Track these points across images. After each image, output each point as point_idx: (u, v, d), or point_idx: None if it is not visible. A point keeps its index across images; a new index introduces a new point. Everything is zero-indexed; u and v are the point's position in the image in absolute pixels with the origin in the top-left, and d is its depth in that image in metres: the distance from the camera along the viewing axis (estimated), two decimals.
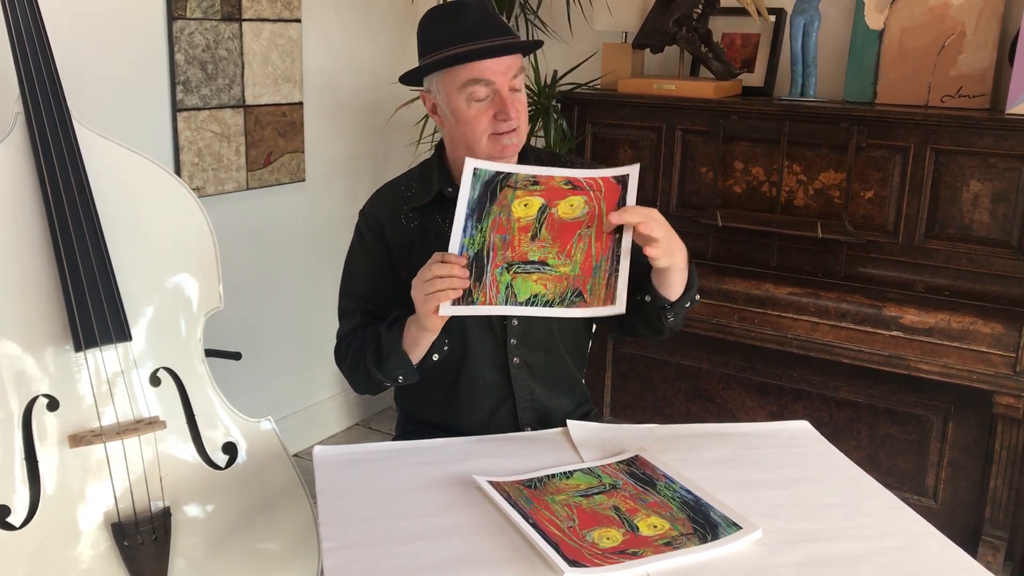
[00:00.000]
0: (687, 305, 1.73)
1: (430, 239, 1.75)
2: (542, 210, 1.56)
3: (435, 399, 1.82)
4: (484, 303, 1.58)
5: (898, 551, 1.32)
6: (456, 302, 1.58)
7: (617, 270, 1.57)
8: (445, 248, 1.74)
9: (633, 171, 1.57)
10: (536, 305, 1.58)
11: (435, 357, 1.71)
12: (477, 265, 1.57)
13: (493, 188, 1.56)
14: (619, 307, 1.58)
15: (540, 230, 1.56)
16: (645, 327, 1.78)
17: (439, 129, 1.78)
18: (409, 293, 1.75)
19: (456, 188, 1.75)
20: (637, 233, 1.55)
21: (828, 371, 2.73)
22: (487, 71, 1.63)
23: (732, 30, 3.07)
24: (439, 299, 1.55)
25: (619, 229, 1.57)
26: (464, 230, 1.58)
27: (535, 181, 1.56)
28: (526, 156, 1.81)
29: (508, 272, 1.57)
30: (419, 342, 1.66)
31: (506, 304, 1.58)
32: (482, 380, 1.78)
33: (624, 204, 1.57)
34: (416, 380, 1.71)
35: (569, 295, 1.58)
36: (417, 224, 1.77)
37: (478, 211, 1.56)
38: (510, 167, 1.57)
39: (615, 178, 1.56)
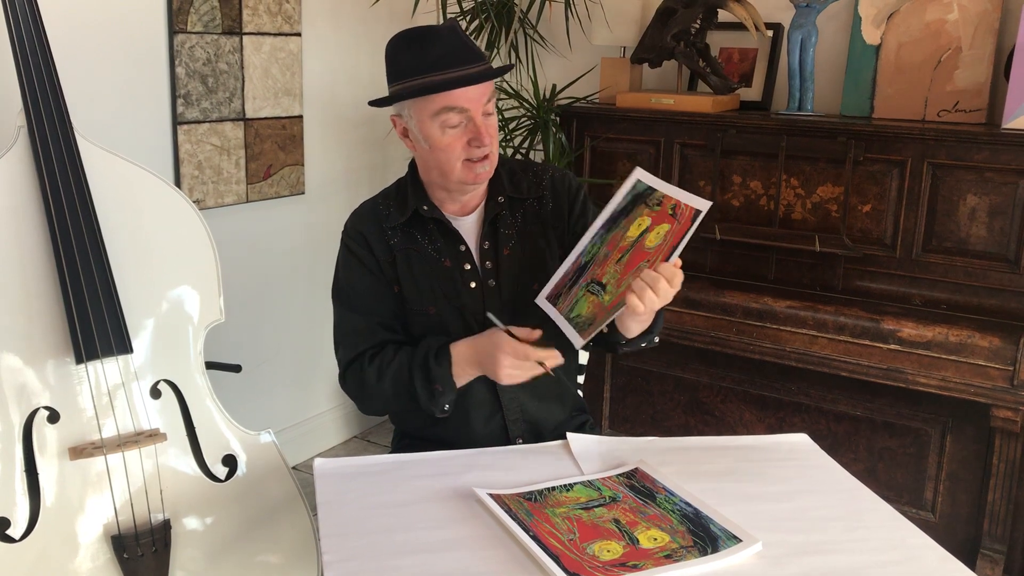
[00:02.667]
0: (643, 345, 1.74)
1: (412, 257, 1.76)
2: (642, 234, 1.57)
3: (427, 415, 1.82)
4: (559, 310, 1.65)
5: (898, 564, 1.32)
6: (550, 299, 1.66)
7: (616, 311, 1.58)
8: (429, 266, 1.75)
9: (704, 209, 1.52)
10: (570, 324, 1.64)
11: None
12: (578, 276, 1.63)
13: (638, 204, 1.59)
14: (577, 341, 1.63)
15: (626, 254, 1.58)
16: (598, 345, 1.77)
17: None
18: (403, 301, 1.76)
19: (431, 207, 1.76)
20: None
21: (826, 384, 2.73)
22: (462, 99, 1.63)
23: (730, 45, 3.09)
24: (527, 378, 1.62)
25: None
26: (593, 236, 1.63)
27: (660, 201, 1.57)
28: (496, 170, 1.79)
29: (585, 288, 1.62)
30: (471, 376, 1.69)
31: (562, 316, 1.65)
32: (470, 394, 1.77)
33: (681, 243, 1.54)
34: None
35: (584, 323, 1.62)
36: (398, 242, 1.77)
37: (612, 223, 1.61)
38: (664, 185, 1.56)
39: (695, 213, 1.53)
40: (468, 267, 1.76)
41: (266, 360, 3.21)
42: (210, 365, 2.10)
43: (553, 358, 1.60)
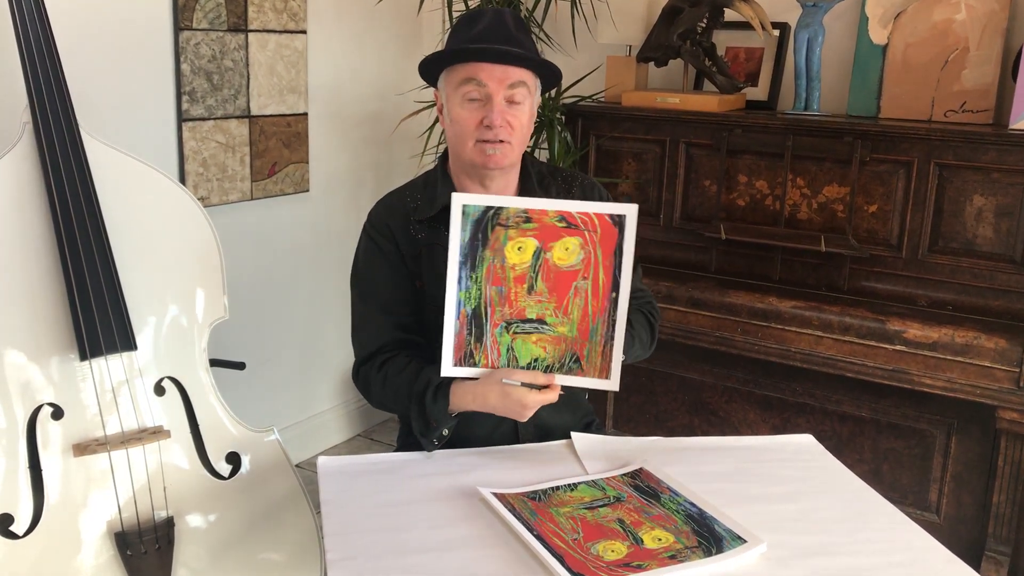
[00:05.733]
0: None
1: (438, 252, 1.75)
2: (536, 255, 1.55)
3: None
4: (486, 365, 1.59)
5: (902, 566, 1.32)
6: (459, 363, 1.59)
7: (612, 338, 1.57)
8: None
9: (631, 212, 1.55)
10: (536, 369, 1.59)
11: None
12: (476, 324, 1.57)
13: (484, 227, 1.55)
14: (613, 384, 1.59)
15: (536, 281, 1.56)
16: None
17: (443, 134, 1.80)
18: (424, 302, 1.74)
19: None
20: None
21: (831, 385, 2.73)
22: (481, 72, 1.65)
23: (736, 44, 3.08)
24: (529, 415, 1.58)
25: (616, 288, 1.56)
26: (459, 281, 1.56)
27: (528, 217, 1.54)
28: (527, 169, 1.81)
29: (507, 332, 1.57)
30: (470, 408, 1.64)
31: (508, 367, 1.59)
32: None
33: (621, 251, 1.55)
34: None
35: (568, 360, 1.59)
36: (425, 236, 1.76)
37: (471, 257, 1.55)
38: (500, 199, 1.55)
39: (611, 218, 1.55)
40: None
41: (270, 358, 3.21)
42: (214, 362, 2.10)
43: (536, 379, 1.57)
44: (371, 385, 1.76)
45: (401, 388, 1.69)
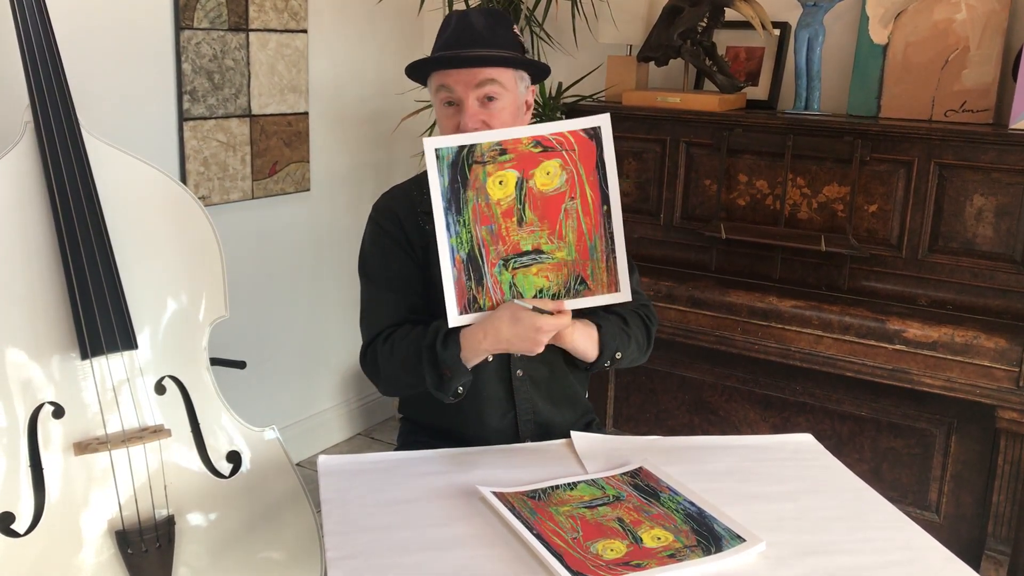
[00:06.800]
0: (607, 365, 1.75)
1: None
2: (519, 186, 1.53)
3: (439, 406, 1.81)
4: (492, 307, 1.57)
5: (902, 565, 1.32)
6: (464, 310, 1.57)
7: (614, 251, 1.56)
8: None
9: (604, 122, 1.55)
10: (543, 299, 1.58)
11: (489, 358, 1.69)
12: (474, 268, 1.55)
13: (461, 168, 1.53)
14: (624, 295, 1.58)
15: (524, 211, 1.54)
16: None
17: None
18: (432, 286, 1.72)
19: None
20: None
21: (831, 384, 2.73)
22: (448, 78, 1.68)
23: (737, 43, 3.08)
24: (543, 343, 1.57)
25: (606, 201, 1.55)
26: (448, 227, 1.54)
27: (503, 150, 1.53)
28: None
29: (507, 269, 1.55)
30: (483, 354, 1.64)
31: (514, 302, 1.57)
32: (485, 391, 1.77)
33: (603, 163, 1.54)
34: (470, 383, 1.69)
35: (573, 284, 1.57)
36: (431, 227, 1.76)
37: (454, 201, 1.53)
38: (471, 136, 1.54)
39: (585, 132, 1.54)
40: None
41: (271, 356, 3.22)
42: (215, 361, 2.10)
43: (545, 306, 1.55)
44: (379, 359, 1.73)
45: (410, 348, 1.67)
